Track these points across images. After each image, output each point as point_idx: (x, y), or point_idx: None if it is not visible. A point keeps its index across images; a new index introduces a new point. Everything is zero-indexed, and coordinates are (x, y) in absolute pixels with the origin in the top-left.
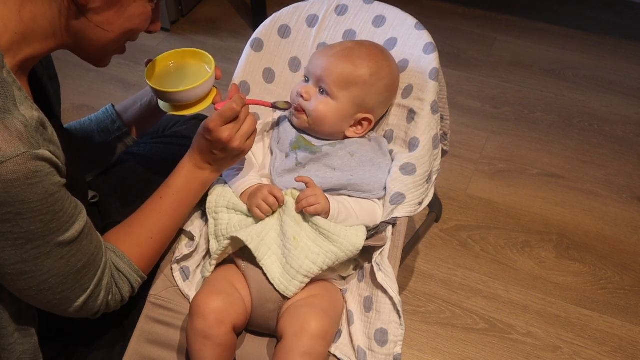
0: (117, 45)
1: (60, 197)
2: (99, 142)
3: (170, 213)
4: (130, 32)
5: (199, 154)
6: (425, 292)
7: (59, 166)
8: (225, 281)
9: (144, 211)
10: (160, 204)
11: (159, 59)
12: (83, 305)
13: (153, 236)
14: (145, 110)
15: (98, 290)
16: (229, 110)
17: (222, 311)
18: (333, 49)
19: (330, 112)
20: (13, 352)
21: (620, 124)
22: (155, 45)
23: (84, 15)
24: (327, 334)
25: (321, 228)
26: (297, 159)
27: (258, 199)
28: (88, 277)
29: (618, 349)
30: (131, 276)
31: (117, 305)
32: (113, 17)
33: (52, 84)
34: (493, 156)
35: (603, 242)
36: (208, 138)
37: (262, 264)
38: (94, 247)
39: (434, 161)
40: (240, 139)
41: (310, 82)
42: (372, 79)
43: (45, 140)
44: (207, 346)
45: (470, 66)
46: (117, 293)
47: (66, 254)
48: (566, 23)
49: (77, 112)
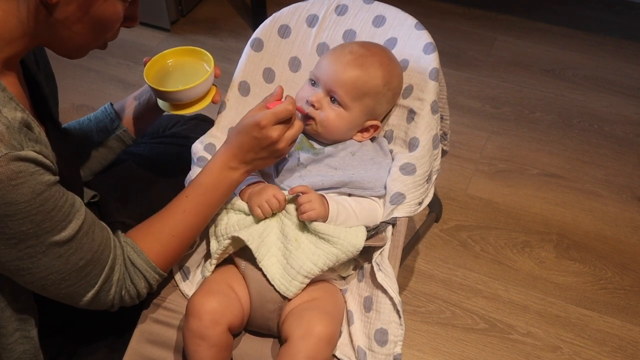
0: (92, 44)
1: (50, 196)
2: (98, 142)
3: (194, 212)
4: (102, 31)
5: (237, 152)
6: (425, 292)
7: (47, 165)
8: (222, 282)
9: (168, 209)
10: (185, 202)
11: (157, 58)
12: (93, 299)
13: (175, 234)
14: (144, 109)
15: (108, 285)
16: (285, 110)
17: (218, 312)
18: (344, 55)
19: (342, 122)
20: (13, 351)
21: (620, 124)
22: (155, 45)
23: (52, 15)
24: (332, 338)
25: (320, 233)
26: (299, 159)
27: (261, 199)
28: (94, 273)
29: (618, 349)
30: (147, 272)
31: (134, 300)
32: (82, 17)
33: (49, 83)
34: (493, 156)
35: (603, 242)
36: (256, 135)
37: (262, 264)
38: (97, 244)
39: (434, 161)
40: (286, 142)
41: (320, 88)
42: (384, 89)
43: (31, 140)
44: (202, 346)
45: (470, 66)
46: (132, 288)
47: (64, 252)
48: (566, 23)
49: (77, 112)
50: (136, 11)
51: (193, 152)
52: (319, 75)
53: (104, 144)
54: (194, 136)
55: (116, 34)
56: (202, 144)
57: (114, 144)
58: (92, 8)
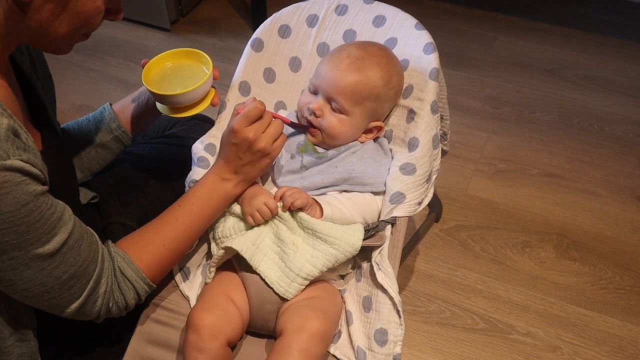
0: (74, 39)
1: (35, 207)
2: (97, 142)
3: (186, 222)
4: (82, 27)
5: (225, 163)
6: (425, 292)
7: (34, 174)
8: (222, 294)
9: (161, 218)
10: (178, 212)
11: (155, 61)
12: (77, 311)
13: (166, 244)
14: (143, 110)
15: (93, 297)
16: (254, 109)
17: (216, 326)
18: (341, 61)
19: (345, 128)
20: (10, 354)
21: (620, 124)
22: (155, 45)
23: (26, 14)
24: (326, 335)
25: (318, 232)
26: (302, 162)
27: (252, 208)
28: (78, 286)
29: (618, 349)
30: (137, 283)
31: (121, 312)
32: (59, 14)
33: (46, 84)
34: (493, 156)
35: (603, 242)
36: (234, 141)
37: (259, 270)
38: (83, 258)
39: (433, 161)
40: (267, 140)
41: (320, 97)
42: (385, 89)
43: (18, 148)
44: (200, 359)
45: (470, 66)
46: (121, 300)
47: (48, 265)
48: (566, 23)
49: (77, 112)
50: (119, 3)
51: (193, 153)
52: (317, 83)
53: (102, 144)
54: (193, 136)
55: (98, 25)
56: (202, 144)
57: (113, 145)
58: (69, 5)
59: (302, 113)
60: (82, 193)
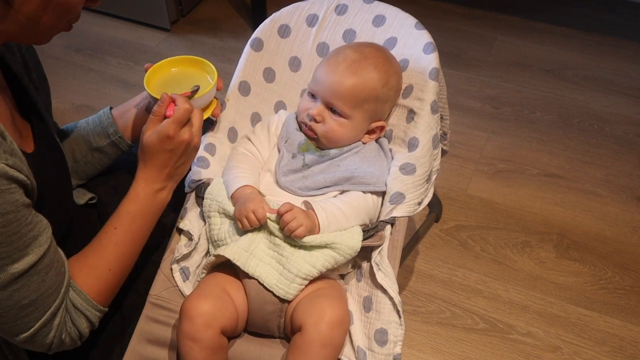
0: (57, 28)
1: (15, 218)
2: (94, 146)
3: (127, 242)
4: (66, 14)
5: (158, 171)
6: (425, 292)
7: (20, 180)
8: (217, 285)
9: (100, 243)
10: (115, 234)
11: (159, 66)
12: (28, 340)
13: (112, 269)
14: (142, 116)
15: (47, 329)
16: (185, 111)
17: (210, 315)
18: (337, 65)
19: (345, 131)
20: None
21: (620, 124)
22: (155, 45)
23: (12, 7)
24: (343, 320)
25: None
26: (304, 161)
27: (241, 214)
28: (34, 315)
29: (618, 349)
30: (89, 311)
31: (75, 343)
32: (47, 5)
33: (41, 85)
34: (493, 156)
35: (603, 242)
36: (170, 147)
37: (255, 275)
38: (47, 287)
39: (433, 161)
40: (198, 135)
41: (319, 102)
42: (384, 89)
43: (5, 152)
44: (195, 349)
45: (470, 66)
46: (74, 331)
47: (10, 287)
48: (566, 23)
49: (77, 112)
50: None
51: None
52: (315, 89)
53: (99, 148)
54: None
55: (79, 12)
56: (202, 144)
57: (109, 150)
58: None
59: (302, 118)
60: (80, 194)
